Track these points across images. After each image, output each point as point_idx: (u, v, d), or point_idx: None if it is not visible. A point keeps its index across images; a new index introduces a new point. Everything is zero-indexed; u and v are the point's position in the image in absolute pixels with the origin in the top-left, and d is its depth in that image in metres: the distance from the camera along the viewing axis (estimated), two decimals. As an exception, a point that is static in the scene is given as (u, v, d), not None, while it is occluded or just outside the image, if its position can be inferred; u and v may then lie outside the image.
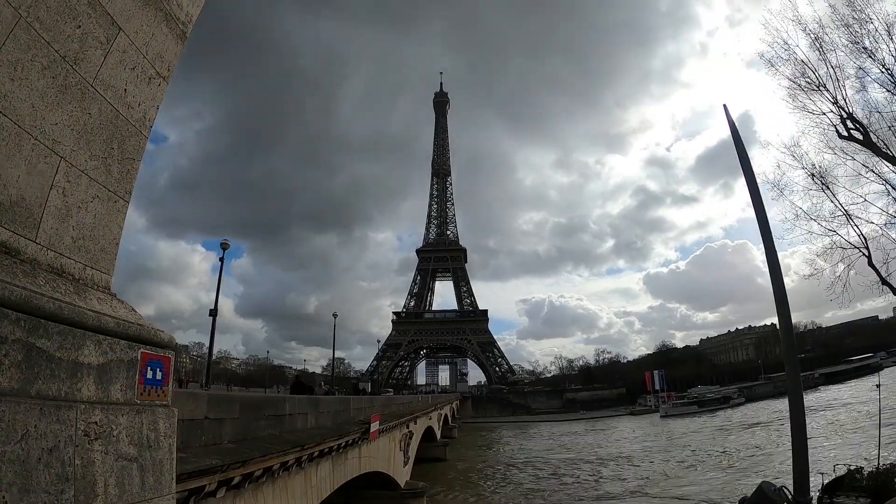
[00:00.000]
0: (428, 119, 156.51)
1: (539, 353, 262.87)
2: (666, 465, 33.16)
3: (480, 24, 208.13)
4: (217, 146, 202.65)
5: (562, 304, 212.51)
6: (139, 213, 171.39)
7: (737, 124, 13.24)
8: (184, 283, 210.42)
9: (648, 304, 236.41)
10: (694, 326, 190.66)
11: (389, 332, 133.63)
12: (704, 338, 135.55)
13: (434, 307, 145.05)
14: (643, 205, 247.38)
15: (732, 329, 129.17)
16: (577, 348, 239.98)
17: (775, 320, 13.00)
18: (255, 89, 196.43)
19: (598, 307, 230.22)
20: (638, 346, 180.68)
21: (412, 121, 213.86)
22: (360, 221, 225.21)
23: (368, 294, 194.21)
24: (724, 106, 13.43)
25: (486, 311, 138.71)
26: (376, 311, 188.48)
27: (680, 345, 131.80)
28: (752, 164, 12.50)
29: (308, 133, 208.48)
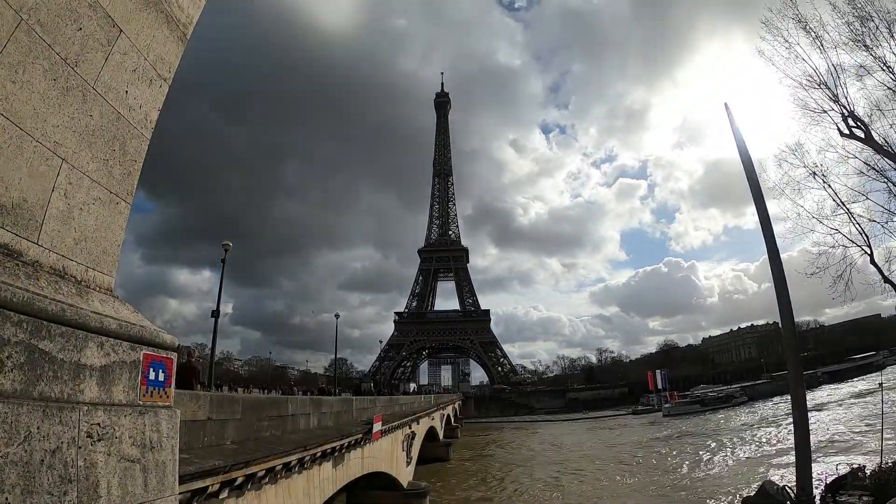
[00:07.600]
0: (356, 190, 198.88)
1: (515, 355, 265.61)
2: (668, 464, 33.13)
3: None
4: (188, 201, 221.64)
5: (516, 313, 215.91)
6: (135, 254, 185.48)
7: (736, 124, 13.24)
8: (188, 298, 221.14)
9: (601, 312, 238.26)
10: (662, 332, 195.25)
11: (392, 333, 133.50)
12: (706, 336, 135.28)
13: (435, 307, 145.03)
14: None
15: (729, 329, 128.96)
16: (553, 351, 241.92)
17: (777, 318, 12.96)
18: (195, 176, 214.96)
19: (557, 314, 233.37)
20: (619, 349, 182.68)
21: (349, 190, 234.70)
22: (318, 248, 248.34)
23: (346, 305, 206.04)
24: (725, 104, 13.40)
25: (487, 311, 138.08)
26: (352, 319, 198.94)
27: (653, 349, 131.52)
28: (752, 164, 12.49)
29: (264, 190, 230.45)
